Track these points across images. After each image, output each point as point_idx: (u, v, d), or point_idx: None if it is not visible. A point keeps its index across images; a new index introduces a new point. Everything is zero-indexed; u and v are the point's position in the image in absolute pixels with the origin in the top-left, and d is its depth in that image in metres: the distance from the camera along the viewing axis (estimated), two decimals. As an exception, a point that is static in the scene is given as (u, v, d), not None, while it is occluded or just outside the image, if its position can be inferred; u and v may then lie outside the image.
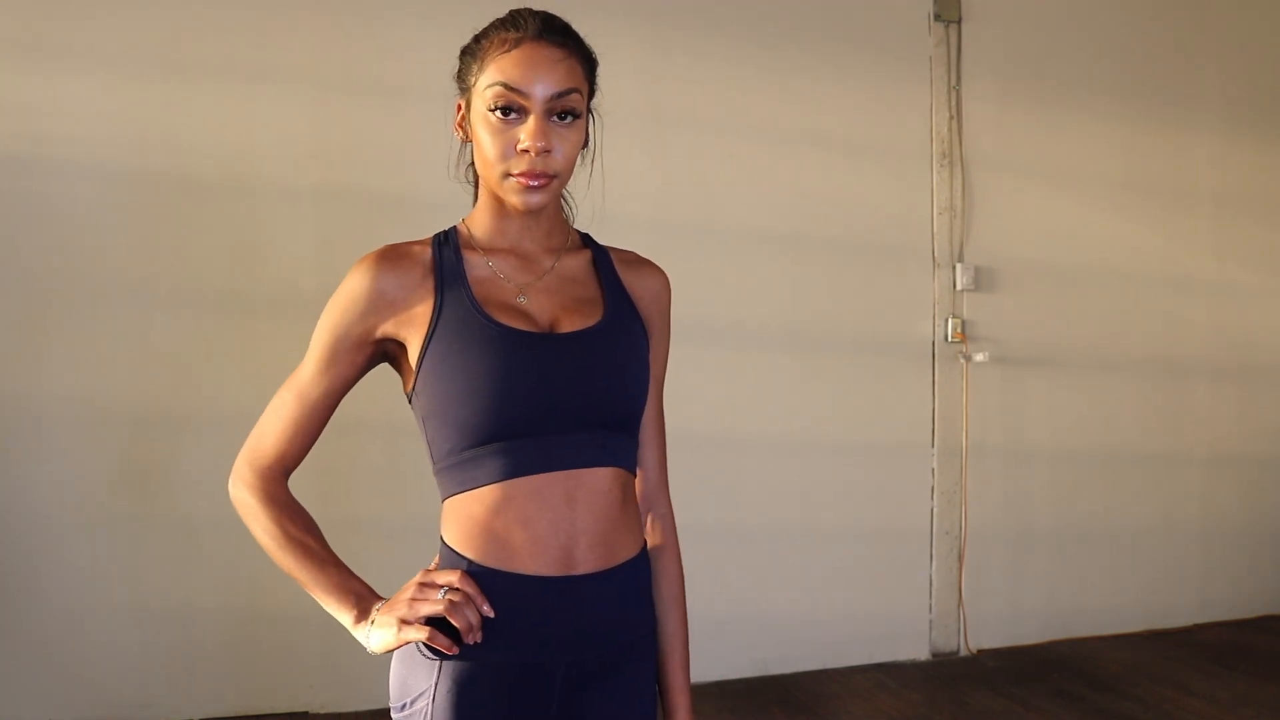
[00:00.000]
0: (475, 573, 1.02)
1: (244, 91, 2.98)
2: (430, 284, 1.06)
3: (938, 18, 3.66)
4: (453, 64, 1.11)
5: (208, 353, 2.96)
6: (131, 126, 2.90)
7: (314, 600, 1.08)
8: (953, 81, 3.68)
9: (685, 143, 3.37)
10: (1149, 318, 4.00)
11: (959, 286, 3.68)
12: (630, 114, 3.29)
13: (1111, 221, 3.94)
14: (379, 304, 1.05)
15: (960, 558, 3.70)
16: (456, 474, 1.04)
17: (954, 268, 3.68)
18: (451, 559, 1.04)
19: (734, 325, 3.42)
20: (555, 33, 1.04)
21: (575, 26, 1.09)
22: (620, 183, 3.13)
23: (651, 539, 1.18)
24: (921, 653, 3.67)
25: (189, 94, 2.94)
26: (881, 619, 3.62)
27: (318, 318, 1.10)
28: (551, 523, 1.02)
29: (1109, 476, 3.94)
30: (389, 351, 1.09)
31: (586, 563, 1.03)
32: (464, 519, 1.04)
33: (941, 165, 3.67)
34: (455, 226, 1.13)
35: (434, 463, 1.07)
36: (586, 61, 1.08)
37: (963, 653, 3.71)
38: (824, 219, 3.54)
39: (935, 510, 3.68)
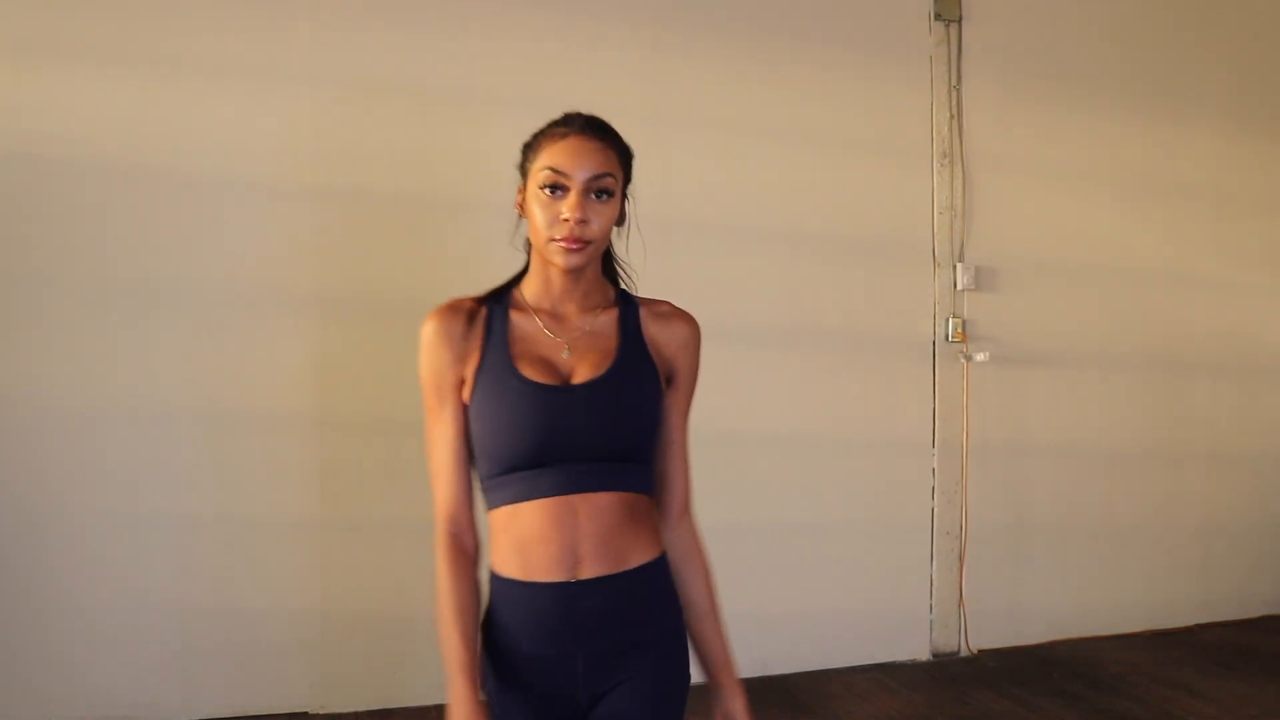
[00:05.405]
0: (497, 582, 1.25)
1: (244, 91, 2.98)
2: (480, 337, 1.27)
3: (938, 16, 3.66)
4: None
5: (207, 352, 2.95)
6: (131, 126, 2.90)
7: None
8: (953, 80, 3.68)
9: (685, 142, 3.36)
10: (1150, 316, 4.00)
11: (959, 286, 3.67)
12: (630, 113, 3.27)
13: (1112, 220, 3.94)
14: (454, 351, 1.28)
15: (961, 557, 3.70)
16: (489, 495, 1.26)
17: (954, 267, 3.68)
18: (490, 571, 1.27)
19: (734, 325, 3.42)
20: (596, 129, 1.26)
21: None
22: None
23: (676, 550, 1.35)
24: (922, 653, 3.67)
25: (188, 93, 2.94)
26: (881, 619, 3.62)
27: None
28: (557, 536, 1.21)
29: (1110, 476, 3.94)
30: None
31: (590, 569, 1.21)
32: (496, 532, 1.26)
33: (942, 165, 3.67)
34: (510, 289, 1.32)
35: (479, 482, 1.28)
36: (622, 153, 1.28)
37: (963, 653, 3.71)
38: (824, 218, 3.53)
39: (936, 510, 3.68)
